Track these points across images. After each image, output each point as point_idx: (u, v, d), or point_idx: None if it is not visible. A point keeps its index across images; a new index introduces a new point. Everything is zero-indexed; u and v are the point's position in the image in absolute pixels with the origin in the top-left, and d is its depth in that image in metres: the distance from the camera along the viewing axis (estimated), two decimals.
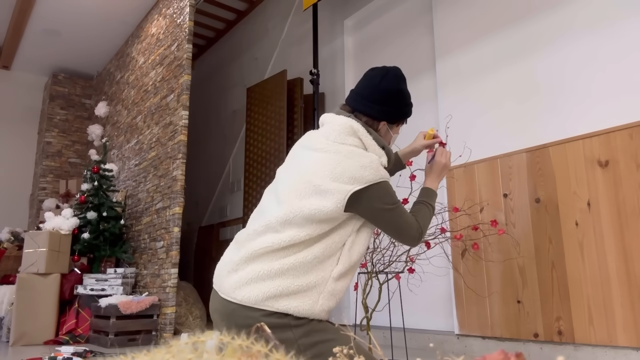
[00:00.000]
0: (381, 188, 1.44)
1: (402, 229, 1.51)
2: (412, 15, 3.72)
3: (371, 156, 1.48)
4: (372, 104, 1.59)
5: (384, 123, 1.61)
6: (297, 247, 1.39)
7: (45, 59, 5.81)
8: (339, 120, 1.53)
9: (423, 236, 1.56)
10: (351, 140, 1.50)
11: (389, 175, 1.51)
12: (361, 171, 1.42)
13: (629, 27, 2.41)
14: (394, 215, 1.48)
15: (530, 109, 2.77)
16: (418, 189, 3.29)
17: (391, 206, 1.47)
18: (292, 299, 1.35)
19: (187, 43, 3.92)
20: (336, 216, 1.41)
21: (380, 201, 1.45)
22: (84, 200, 4.12)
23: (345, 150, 1.48)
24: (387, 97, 1.60)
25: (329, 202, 1.40)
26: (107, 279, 3.72)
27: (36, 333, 3.49)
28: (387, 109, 1.61)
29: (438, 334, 3.03)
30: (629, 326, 2.19)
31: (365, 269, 2.31)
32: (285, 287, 1.34)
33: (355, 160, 1.45)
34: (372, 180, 1.42)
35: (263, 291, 1.34)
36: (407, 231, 1.51)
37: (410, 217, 1.53)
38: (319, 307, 1.38)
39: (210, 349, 0.59)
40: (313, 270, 1.38)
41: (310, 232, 1.40)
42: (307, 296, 1.36)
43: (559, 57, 2.68)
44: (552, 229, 2.52)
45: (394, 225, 1.50)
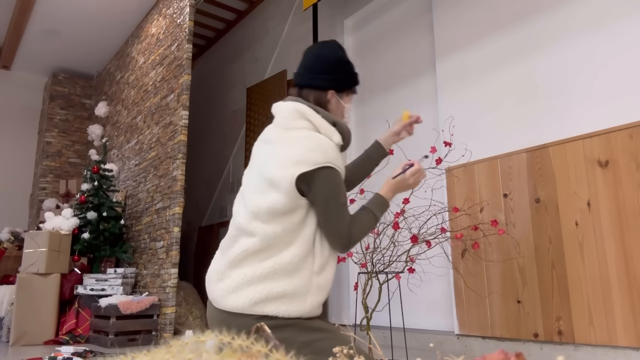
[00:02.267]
0: (327, 174, 1.39)
1: (331, 228, 1.41)
2: (412, 15, 3.72)
3: (320, 138, 1.44)
4: (317, 74, 1.55)
5: (332, 93, 1.56)
6: (273, 248, 1.37)
7: (45, 59, 5.81)
8: (286, 106, 1.50)
9: (351, 246, 1.43)
10: (300, 123, 1.47)
11: (339, 157, 1.45)
12: (307, 153, 1.38)
13: (629, 27, 2.41)
14: (329, 209, 1.39)
15: (530, 109, 2.77)
16: (418, 189, 3.29)
17: (330, 198, 1.39)
18: (281, 302, 1.33)
19: (187, 43, 3.92)
20: (294, 205, 1.38)
21: (323, 188, 1.38)
22: (84, 200, 4.12)
23: (294, 136, 1.45)
24: (329, 65, 1.56)
25: (280, 191, 1.37)
26: (107, 279, 3.72)
27: (36, 333, 3.49)
28: (333, 76, 1.56)
29: (438, 334, 3.04)
30: (629, 326, 2.20)
31: (365, 269, 2.31)
32: (270, 291, 1.33)
33: (303, 144, 1.42)
34: (319, 162, 1.37)
35: (249, 297, 1.33)
36: (334, 232, 1.40)
37: (344, 220, 1.42)
38: (309, 305, 1.37)
39: (210, 348, 0.59)
40: (295, 271, 1.36)
41: (278, 228, 1.37)
42: (295, 297, 1.34)
43: (559, 57, 2.68)
44: (552, 229, 2.52)
45: (325, 220, 1.40)
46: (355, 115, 4.08)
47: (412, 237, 2.22)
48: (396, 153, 3.54)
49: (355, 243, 1.44)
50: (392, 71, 3.79)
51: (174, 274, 3.51)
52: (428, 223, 2.51)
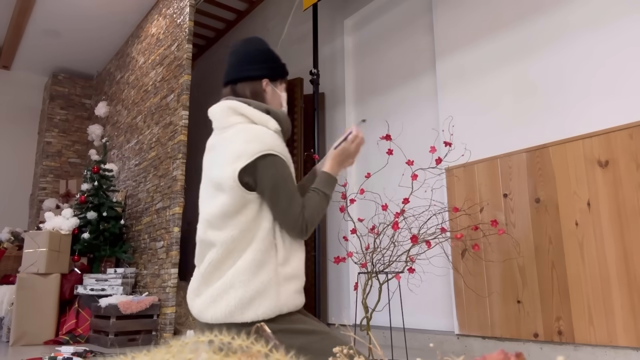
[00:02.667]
0: (270, 162, 1.37)
1: (284, 215, 1.37)
2: (412, 15, 3.72)
3: (255, 128, 1.42)
4: (248, 65, 1.54)
5: (267, 81, 1.56)
6: (234, 252, 1.36)
7: (45, 59, 5.81)
8: (218, 107, 1.50)
9: (309, 228, 1.39)
10: (234, 119, 1.46)
11: (280, 144, 1.43)
12: (245, 146, 1.37)
13: (629, 26, 2.41)
14: (278, 196, 1.36)
15: (530, 109, 2.77)
16: (418, 189, 3.30)
17: (278, 184, 1.36)
18: (256, 304, 1.31)
19: (187, 43, 3.92)
20: (243, 202, 1.36)
21: (268, 176, 1.36)
22: (84, 200, 4.12)
23: (230, 134, 1.44)
24: (260, 55, 1.57)
25: (226, 191, 1.37)
26: (107, 279, 3.72)
27: (36, 333, 3.49)
28: (265, 65, 1.56)
29: (438, 334, 3.04)
30: (629, 326, 2.20)
31: (365, 269, 2.31)
32: (243, 296, 1.31)
33: (239, 138, 1.41)
34: (259, 151, 1.36)
35: (225, 308, 1.32)
36: (289, 219, 1.37)
37: (297, 205, 1.38)
38: (283, 297, 1.35)
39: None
40: (259, 267, 1.34)
41: (234, 231, 1.35)
42: (266, 294, 1.32)
43: (559, 56, 2.68)
44: (552, 229, 2.52)
45: (277, 207, 1.37)
46: (355, 115, 4.08)
47: (412, 237, 2.22)
48: (396, 153, 3.55)
49: (313, 226, 1.41)
50: (392, 71, 3.79)
51: (174, 274, 3.51)
52: (428, 223, 2.50)
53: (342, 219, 3.91)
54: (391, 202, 3.52)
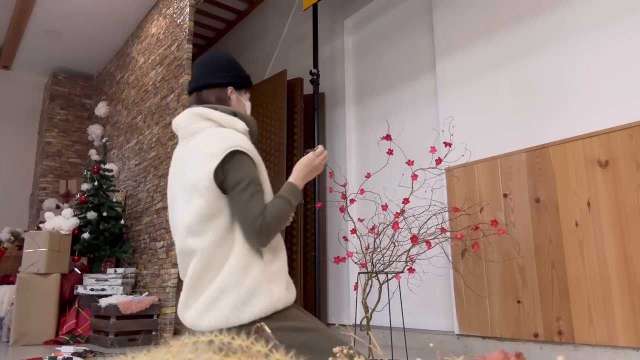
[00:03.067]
0: (237, 160, 1.37)
1: (243, 216, 1.34)
2: (412, 15, 3.72)
3: (224, 131, 1.44)
4: (214, 73, 1.58)
5: (232, 89, 1.59)
6: (218, 258, 1.35)
7: (45, 59, 5.81)
8: (184, 116, 1.52)
9: (268, 231, 1.35)
10: (202, 124, 1.48)
11: (247, 143, 1.42)
12: (217, 145, 1.38)
13: (629, 27, 2.41)
14: (239, 194, 1.35)
15: (530, 109, 2.77)
16: (418, 189, 3.29)
17: (242, 184, 1.35)
18: (250, 306, 1.31)
19: (187, 43, 3.92)
20: (220, 203, 1.36)
21: (233, 175, 1.36)
22: (84, 200, 4.12)
23: (200, 139, 1.45)
24: (225, 63, 1.61)
25: (202, 193, 1.37)
26: (107, 279, 3.72)
27: (36, 333, 3.49)
28: (230, 73, 1.60)
29: (438, 334, 3.04)
30: (629, 326, 2.20)
31: (365, 269, 2.31)
32: (236, 299, 1.31)
33: (210, 140, 1.42)
34: (227, 147, 1.36)
35: (221, 315, 1.31)
36: (247, 220, 1.34)
37: (257, 206, 1.35)
38: (276, 294, 1.35)
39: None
40: (247, 269, 1.34)
41: (214, 237, 1.35)
42: (258, 293, 1.32)
43: (559, 56, 2.68)
44: (552, 229, 2.52)
45: (238, 209, 1.35)
46: (355, 115, 4.08)
47: (412, 237, 2.22)
48: (396, 153, 3.55)
49: (271, 231, 1.36)
50: (392, 71, 3.79)
51: (174, 274, 3.51)
52: (428, 223, 2.51)
53: (342, 219, 3.91)
54: (391, 202, 3.52)
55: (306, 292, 3.85)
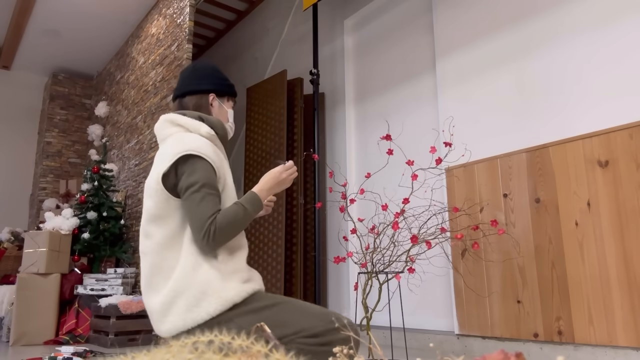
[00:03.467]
0: (190, 163, 1.38)
1: (193, 218, 1.33)
2: (412, 15, 3.72)
3: (185, 135, 1.46)
4: (197, 80, 1.62)
5: (214, 96, 1.62)
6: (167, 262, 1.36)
7: (45, 59, 5.81)
8: (158, 122, 1.56)
9: (216, 237, 1.33)
10: (170, 130, 1.52)
11: (209, 147, 1.42)
12: (171, 149, 1.41)
13: (629, 27, 2.41)
14: (193, 198, 1.34)
15: (530, 109, 2.77)
16: (418, 189, 3.29)
17: (194, 186, 1.35)
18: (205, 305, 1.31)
19: (187, 43, 3.92)
20: (168, 206, 1.38)
21: (186, 178, 1.36)
22: (84, 200, 4.12)
23: (167, 144, 1.48)
24: (208, 72, 1.64)
25: (152, 195, 1.40)
26: (107, 279, 3.72)
27: (36, 333, 3.49)
28: (212, 81, 1.63)
29: (438, 334, 3.04)
30: (629, 326, 2.20)
31: (365, 269, 2.31)
32: (189, 303, 1.31)
33: (169, 144, 1.45)
34: (180, 151, 1.38)
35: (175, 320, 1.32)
36: (196, 223, 1.33)
37: (207, 209, 1.34)
38: (232, 292, 1.34)
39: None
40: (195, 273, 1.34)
41: (162, 238, 1.37)
42: (211, 294, 1.32)
43: (559, 56, 2.68)
44: (552, 229, 2.52)
45: (189, 211, 1.34)
46: (355, 115, 4.08)
47: (412, 237, 2.22)
48: (396, 153, 3.55)
49: (219, 236, 1.33)
50: (392, 71, 3.80)
51: None
52: (428, 223, 2.51)
53: (342, 219, 3.91)
54: (391, 202, 3.52)
55: (306, 292, 3.85)
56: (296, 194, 3.90)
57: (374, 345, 2.29)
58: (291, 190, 3.96)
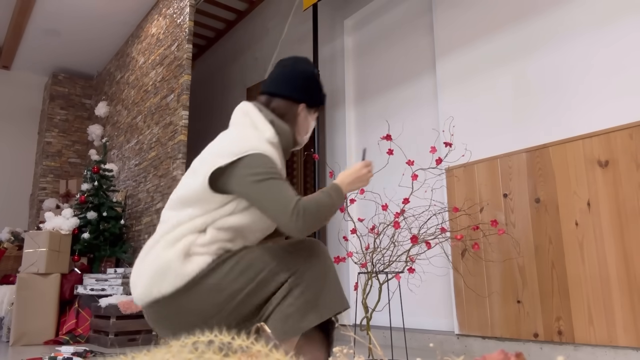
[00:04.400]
0: (252, 159, 1.36)
1: (274, 201, 1.32)
2: (412, 15, 3.72)
3: (248, 131, 1.46)
4: (293, 87, 1.57)
5: (303, 106, 1.58)
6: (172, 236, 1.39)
7: (45, 59, 5.81)
8: (236, 109, 1.56)
9: (306, 217, 1.30)
10: (241, 120, 1.52)
11: (268, 148, 1.42)
12: (230, 145, 1.39)
13: (629, 27, 2.41)
14: (267, 186, 1.33)
15: (530, 109, 2.77)
16: (418, 189, 3.29)
17: (263, 176, 1.34)
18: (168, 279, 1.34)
19: (187, 43, 3.92)
20: (204, 196, 1.39)
21: (250, 171, 1.35)
22: (84, 200, 4.12)
23: (229, 130, 1.49)
24: (306, 79, 1.59)
25: (197, 178, 1.41)
26: (107, 279, 3.72)
27: (36, 333, 3.49)
28: (308, 91, 1.59)
29: (438, 334, 3.04)
30: (629, 326, 2.20)
31: (365, 269, 2.31)
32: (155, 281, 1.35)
33: (230, 137, 1.45)
34: (240, 152, 1.36)
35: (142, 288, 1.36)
36: (279, 205, 1.31)
37: (289, 192, 1.33)
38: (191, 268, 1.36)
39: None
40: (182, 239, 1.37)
41: (184, 214, 1.39)
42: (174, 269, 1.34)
43: (559, 56, 2.68)
44: (552, 229, 2.52)
45: (267, 197, 1.33)
46: (355, 115, 4.08)
47: (412, 237, 2.22)
48: (396, 153, 3.55)
49: (311, 217, 1.32)
50: (392, 71, 3.80)
51: None
52: (428, 223, 2.50)
53: (342, 219, 3.91)
54: (391, 202, 3.52)
55: None
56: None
57: (374, 345, 2.29)
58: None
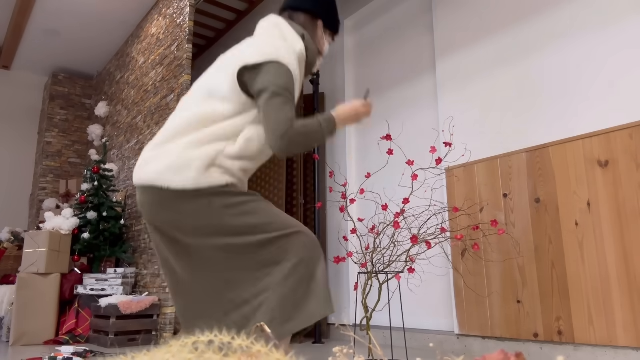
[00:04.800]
0: (279, 67, 1.43)
1: (271, 120, 1.39)
2: (412, 15, 3.72)
3: (279, 40, 1.50)
4: (315, 2, 1.66)
5: (321, 23, 1.66)
6: (196, 126, 1.42)
7: (45, 59, 5.80)
8: (264, 19, 1.61)
9: (291, 141, 1.39)
10: (270, 31, 1.56)
11: (296, 63, 1.48)
12: (261, 47, 1.45)
13: (629, 27, 2.41)
14: (278, 102, 1.40)
15: (530, 109, 2.77)
16: (418, 189, 3.29)
17: (281, 90, 1.41)
18: (185, 172, 1.37)
19: (187, 43, 3.92)
20: (232, 95, 1.43)
21: (269, 79, 1.41)
22: (84, 200, 4.12)
23: (258, 32, 1.55)
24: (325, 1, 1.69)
25: (225, 74, 1.45)
26: (107, 279, 3.72)
27: (36, 333, 3.49)
28: (327, 9, 1.68)
29: (438, 334, 3.04)
30: (629, 326, 2.20)
31: (365, 269, 2.31)
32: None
33: (261, 40, 1.49)
34: (270, 56, 1.43)
35: (156, 169, 1.40)
36: (276, 122, 1.38)
37: (289, 112, 1.40)
38: (234, 176, 1.42)
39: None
40: (204, 145, 1.40)
41: (211, 110, 1.42)
42: (194, 167, 1.38)
43: (559, 56, 2.68)
44: (552, 229, 2.52)
45: (267, 113, 1.40)
46: None
47: (412, 237, 2.22)
48: (396, 153, 3.55)
49: (297, 142, 1.40)
50: (392, 71, 3.80)
51: None
52: (428, 223, 2.51)
53: (342, 219, 3.91)
54: (391, 202, 3.52)
55: None
56: (296, 194, 3.90)
57: (374, 345, 2.29)
58: (291, 190, 3.96)
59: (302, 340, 3.51)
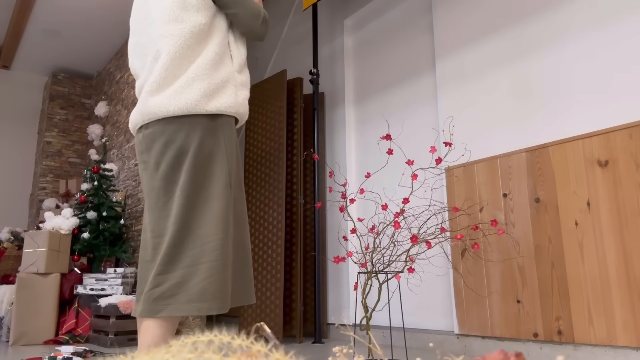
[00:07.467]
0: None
1: (250, 4, 1.57)
2: (412, 16, 3.72)
3: None
4: None
5: None
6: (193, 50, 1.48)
7: (45, 59, 5.81)
8: None
9: (267, 25, 1.63)
10: None
11: None
12: None
13: (629, 26, 2.41)
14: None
15: (530, 108, 2.78)
16: (418, 189, 3.29)
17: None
18: (217, 97, 1.46)
19: None
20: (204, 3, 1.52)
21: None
22: (84, 200, 4.12)
23: None
24: None
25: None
26: (107, 279, 3.72)
27: (36, 333, 3.49)
28: None
29: (438, 334, 3.04)
30: (629, 326, 2.20)
31: (365, 269, 2.31)
32: (206, 89, 1.45)
33: None
34: None
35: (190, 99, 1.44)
36: (254, 9, 1.57)
37: (259, 2, 1.62)
38: (241, 100, 1.52)
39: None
40: (219, 66, 1.49)
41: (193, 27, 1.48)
42: (226, 91, 1.48)
43: (558, 56, 2.68)
44: (552, 229, 2.52)
45: (246, 4, 1.57)
46: (355, 115, 4.08)
47: (412, 237, 2.22)
48: (396, 153, 3.55)
49: (268, 22, 1.62)
50: (392, 71, 3.80)
51: None
52: (428, 223, 2.51)
53: (342, 219, 3.91)
54: (391, 202, 3.52)
55: (306, 292, 3.85)
56: (296, 194, 3.90)
57: (374, 345, 2.30)
58: (291, 191, 3.96)
59: (302, 340, 3.51)
